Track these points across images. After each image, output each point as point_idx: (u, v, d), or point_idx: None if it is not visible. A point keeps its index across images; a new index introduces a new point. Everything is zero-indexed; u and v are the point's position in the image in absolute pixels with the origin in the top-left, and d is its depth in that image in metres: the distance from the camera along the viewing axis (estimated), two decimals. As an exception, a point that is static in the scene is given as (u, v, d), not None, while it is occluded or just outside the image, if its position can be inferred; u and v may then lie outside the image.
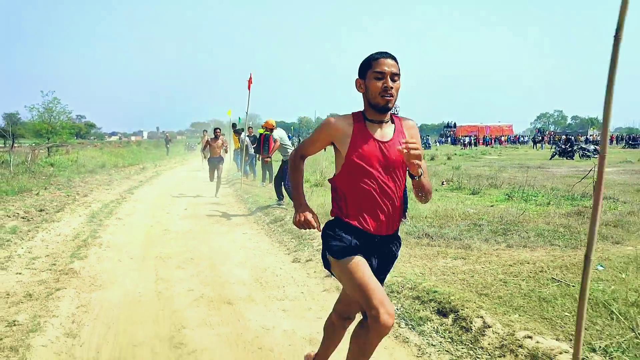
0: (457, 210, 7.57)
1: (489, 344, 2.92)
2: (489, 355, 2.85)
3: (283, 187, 8.49)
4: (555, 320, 3.25)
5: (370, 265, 2.02)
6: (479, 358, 2.85)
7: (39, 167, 15.89)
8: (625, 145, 50.47)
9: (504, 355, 2.80)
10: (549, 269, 4.46)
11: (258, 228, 7.21)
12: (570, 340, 2.84)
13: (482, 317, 3.16)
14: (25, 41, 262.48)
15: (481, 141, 62.11)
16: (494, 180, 12.64)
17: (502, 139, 65.31)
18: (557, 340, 2.83)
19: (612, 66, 1.92)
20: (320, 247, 5.80)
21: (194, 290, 4.27)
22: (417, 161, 1.89)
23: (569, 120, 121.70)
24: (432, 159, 24.85)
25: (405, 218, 6.67)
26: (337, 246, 2.01)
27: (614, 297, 3.51)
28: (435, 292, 3.61)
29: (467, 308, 3.29)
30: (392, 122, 2.11)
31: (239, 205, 9.64)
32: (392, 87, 1.97)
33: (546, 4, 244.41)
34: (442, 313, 3.35)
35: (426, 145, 50.36)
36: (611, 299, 3.51)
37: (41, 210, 8.29)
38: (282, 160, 8.52)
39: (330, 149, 2.32)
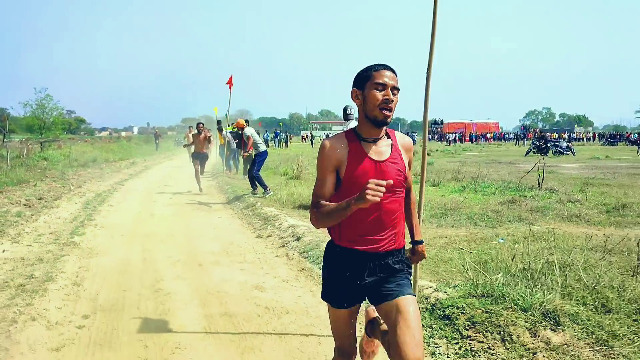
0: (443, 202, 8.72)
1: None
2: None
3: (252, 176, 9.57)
4: (442, 273, 4.36)
5: (365, 284, 1.97)
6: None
7: (34, 161, 16.80)
8: (604, 142, 51.92)
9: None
10: (459, 242, 5.58)
11: (232, 213, 8.29)
12: (441, 281, 3.95)
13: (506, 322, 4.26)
14: (13, 36, 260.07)
15: (467, 138, 63.42)
16: (457, 174, 13.78)
17: (488, 135, 66.63)
18: (429, 281, 3.95)
19: (426, 94, 3.01)
20: (280, 226, 6.82)
21: (172, 257, 5.34)
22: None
23: (557, 118, 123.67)
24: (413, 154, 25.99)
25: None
26: (326, 291, 2.08)
27: (493, 258, 4.61)
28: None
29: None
30: (388, 137, 2.03)
31: (219, 195, 10.70)
32: (392, 101, 1.90)
33: (538, 1, 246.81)
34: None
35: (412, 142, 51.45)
36: (489, 259, 4.62)
37: (40, 199, 9.28)
38: (255, 154, 9.57)
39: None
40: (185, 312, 3.74)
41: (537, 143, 29.01)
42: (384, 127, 1.98)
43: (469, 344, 3.02)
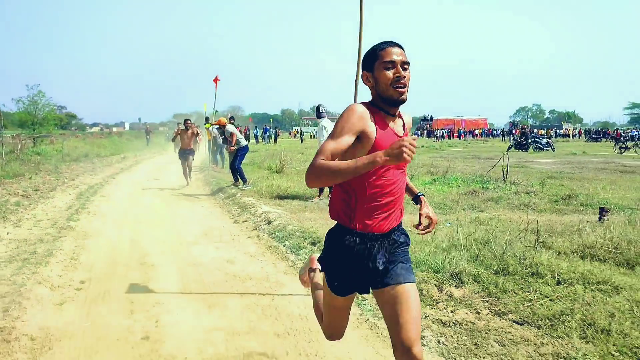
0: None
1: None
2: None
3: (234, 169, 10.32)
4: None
5: (377, 266, 1.94)
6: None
7: (27, 156, 17.41)
8: (588, 139, 53.03)
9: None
10: (405, 226, 6.37)
11: (215, 202, 9.05)
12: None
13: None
14: (2, 30, 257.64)
15: (456, 134, 64.44)
16: (431, 168, 14.60)
17: (476, 132, 67.70)
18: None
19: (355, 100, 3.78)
20: (255, 213, 7.54)
21: (157, 238, 6.09)
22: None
23: (546, 114, 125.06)
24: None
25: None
26: (331, 279, 2.01)
27: (433, 238, 5.39)
28: (314, 232, 5.50)
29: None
30: (399, 117, 2.00)
31: (204, 187, 11.44)
32: (404, 77, 1.86)
33: None
34: (313, 243, 5.24)
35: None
36: (430, 239, 5.40)
37: (37, 190, 9.96)
38: (236, 148, 10.31)
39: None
40: (165, 279, 4.50)
41: (519, 139, 30.06)
42: (399, 106, 1.93)
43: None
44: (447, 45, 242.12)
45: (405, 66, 1.88)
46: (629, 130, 52.30)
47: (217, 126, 15.38)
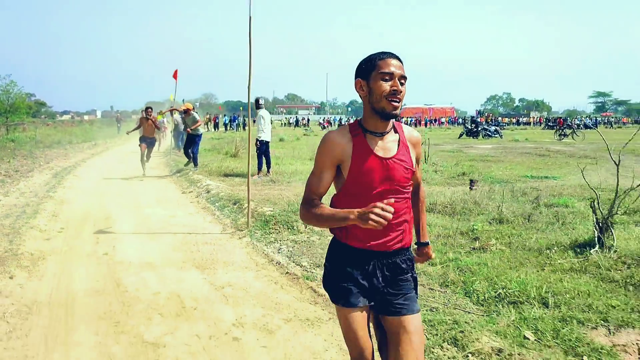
0: (303, 171, 11.43)
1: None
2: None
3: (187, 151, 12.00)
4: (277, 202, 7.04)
5: (375, 284, 1.88)
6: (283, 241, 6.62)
7: (2, 142, 18.75)
8: (544, 126, 55.81)
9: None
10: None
11: (170, 180, 10.84)
12: (275, 207, 6.65)
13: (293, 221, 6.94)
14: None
15: (423, 122, 66.66)
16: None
17: (443, 120, 70.15)
18: (266, 207, 6.65)
19: (249, 99, 5.65)
20: (201, 186, 9.35)
21: (119, 204, 7.86)
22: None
23: (516, 103, 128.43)
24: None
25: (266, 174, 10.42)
26: (335, 292, 1.91)
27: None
28: (237, 196, 7.39)
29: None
30: (395, 131, 1.89)
31: (163, 168, 13.19)
32: (401, 91, 1.77)
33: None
34: (234, 203, 7.12)
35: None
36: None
37: (17, 171, 11.54)
38: (192, 134, 11.97)
39: None
40: (122, 226, 6.31)
41: (469, 127, 32.40)
42: (392, 121, 1.86)
43: (273, 230, 5.72)
44: (428, 38, 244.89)
45: (403, 80, 1.80)
46: (577, 118, 55.45)
47: (178, 113, 17.03)
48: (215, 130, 40.58)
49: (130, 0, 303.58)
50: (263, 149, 10.28)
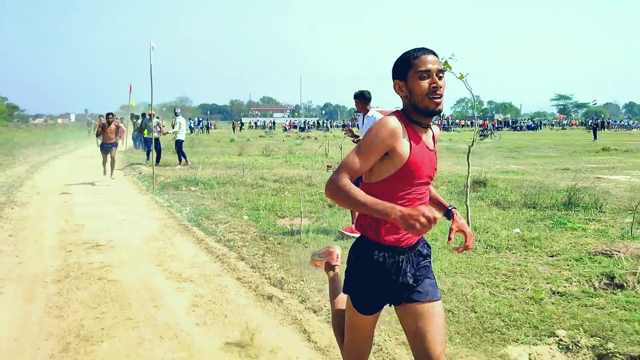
0: (217, 162, 15.22)
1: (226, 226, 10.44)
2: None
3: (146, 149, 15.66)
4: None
5: (406, 280, 1.89)
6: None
7: (-17, 144, 21.98)
8: (508, 128, 60.03)
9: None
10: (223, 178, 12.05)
11: (119, 168, 14.50)
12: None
13: (178, 185, 10.68)
14: None
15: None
16: (303, 152, 20.34)
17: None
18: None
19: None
20: (136, 170, 13.09)
21: (80, 180, 11.47)
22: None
23: (485, 105, 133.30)
24: (304, 139, 32.74)
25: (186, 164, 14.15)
26: (356, 298, 1.93)
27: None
28: (155, 175, 11.13)
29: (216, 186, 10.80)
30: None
31: (119, 163, 16.82)
32: (440, 86, 1.78)
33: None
34: (150, 177, 10.88)
35: (327, 128, 58.62)
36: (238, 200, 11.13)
37: (1, 164, 14.99)
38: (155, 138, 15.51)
39: None
40: (78, 189, 9.95)
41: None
42: (434, 117, 1.86)
43: (165, 192, 9.47)
44: (400, 38, 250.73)
45: (441, 74, 1.80)
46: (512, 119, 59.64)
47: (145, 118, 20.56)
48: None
49: (105, 2, 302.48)
50: (180, 146, 14.07)
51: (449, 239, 1.96)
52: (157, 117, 16.04)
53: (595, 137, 29.62)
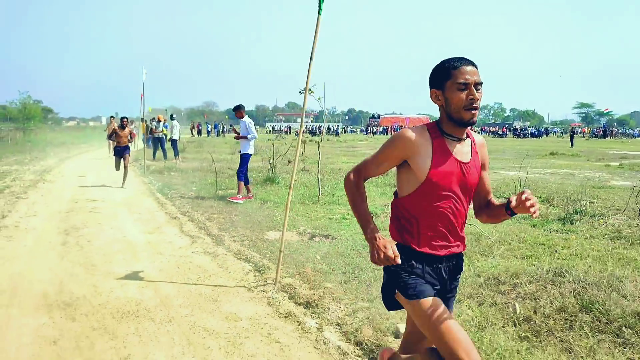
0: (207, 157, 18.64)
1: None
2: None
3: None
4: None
5: (442, 283, 1.98)
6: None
7: (23, 142, 26.05)
8: (515, 135, 62.13)
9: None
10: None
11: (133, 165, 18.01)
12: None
13: (163, 171, 14.05)
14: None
15: (395, 131, 72.10)
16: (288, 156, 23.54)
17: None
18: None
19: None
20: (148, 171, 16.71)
21: (94, 169, 14.97)
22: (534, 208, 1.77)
23: (507, 112, 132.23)
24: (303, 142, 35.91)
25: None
26: (411, 287, 1.89)
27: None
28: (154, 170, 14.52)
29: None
30: (467, 136, 1.96)
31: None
32: (478, 99, 1.79)
33: None
34: (151, 172, 14.24)
35: (337, 133, 61.66)
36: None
37: (36, 157, 18.71)
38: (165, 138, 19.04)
39: None
40: (91, 173, 13.39)
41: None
42: (467, 127, 1.88)
43: (152, 176, 12.81)
44: (418, 44, 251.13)
45: (479, 86, 1.80)
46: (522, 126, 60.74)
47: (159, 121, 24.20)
48: (198, 135, 47.18)
49: (137, 8, 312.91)
50: (175, 144, 17.58)
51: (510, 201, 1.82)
52: (165, 121, 19.57)
53: (572, 144, 31.39)
